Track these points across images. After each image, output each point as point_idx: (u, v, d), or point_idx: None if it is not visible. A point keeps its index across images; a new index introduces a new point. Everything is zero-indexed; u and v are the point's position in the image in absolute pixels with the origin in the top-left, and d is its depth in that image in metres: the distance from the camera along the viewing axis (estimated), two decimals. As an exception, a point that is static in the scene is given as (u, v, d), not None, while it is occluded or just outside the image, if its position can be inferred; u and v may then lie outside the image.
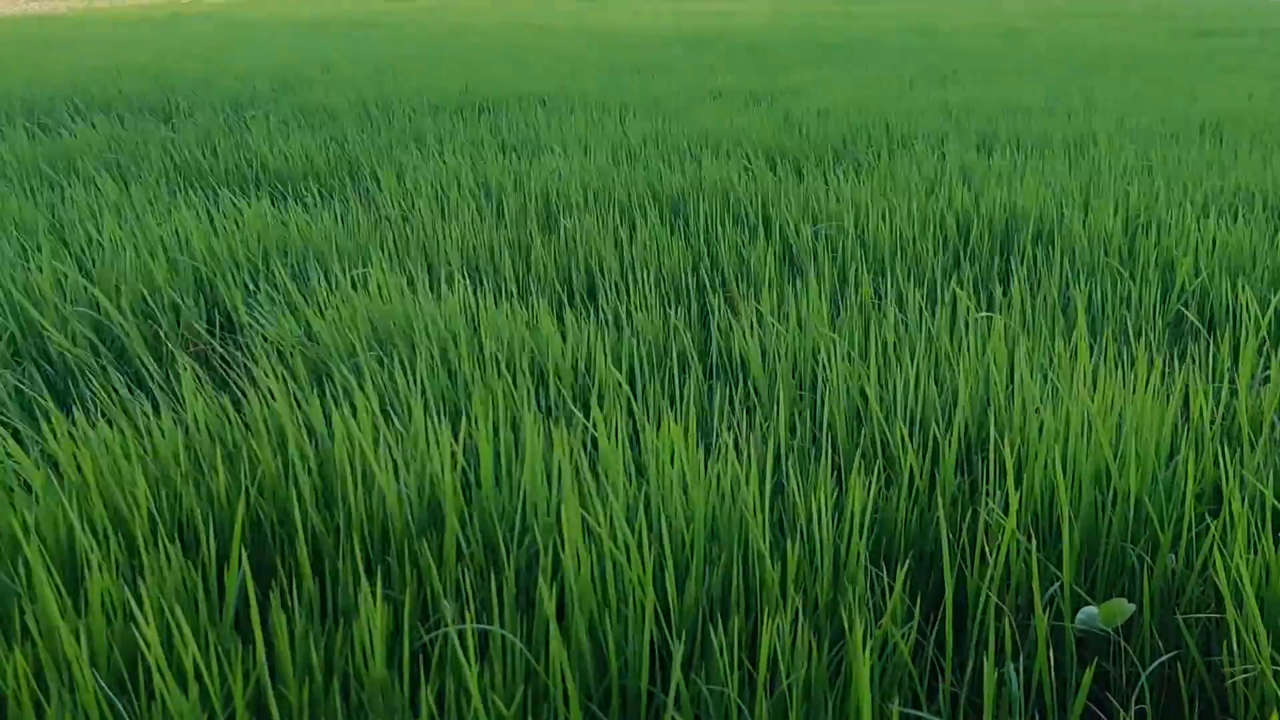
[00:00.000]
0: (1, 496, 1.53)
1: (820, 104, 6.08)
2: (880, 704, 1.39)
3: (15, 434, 1.95)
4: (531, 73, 8.14)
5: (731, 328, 2.34)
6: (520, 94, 6.51)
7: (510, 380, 2.01)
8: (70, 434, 1.69)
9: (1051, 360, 2.09)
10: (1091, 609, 1.58)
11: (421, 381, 1.92)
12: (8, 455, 1.69)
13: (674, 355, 2.23)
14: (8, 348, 2.30)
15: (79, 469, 1.61)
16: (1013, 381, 2.01)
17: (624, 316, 2.38)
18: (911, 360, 2.10)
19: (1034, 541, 1.53)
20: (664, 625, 1.42)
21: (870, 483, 1.60)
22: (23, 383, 2.13)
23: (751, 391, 2.06)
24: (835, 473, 1.86)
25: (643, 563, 1.40)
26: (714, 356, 2.27)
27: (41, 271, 2.56)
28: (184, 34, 14.34)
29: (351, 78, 7.62)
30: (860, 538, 1.53)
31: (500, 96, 6.40)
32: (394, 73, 8.07)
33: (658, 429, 1.68)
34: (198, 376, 1.84)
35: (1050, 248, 2.96)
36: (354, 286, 2.45)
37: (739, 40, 12.50)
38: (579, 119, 5.37)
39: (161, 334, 2.30)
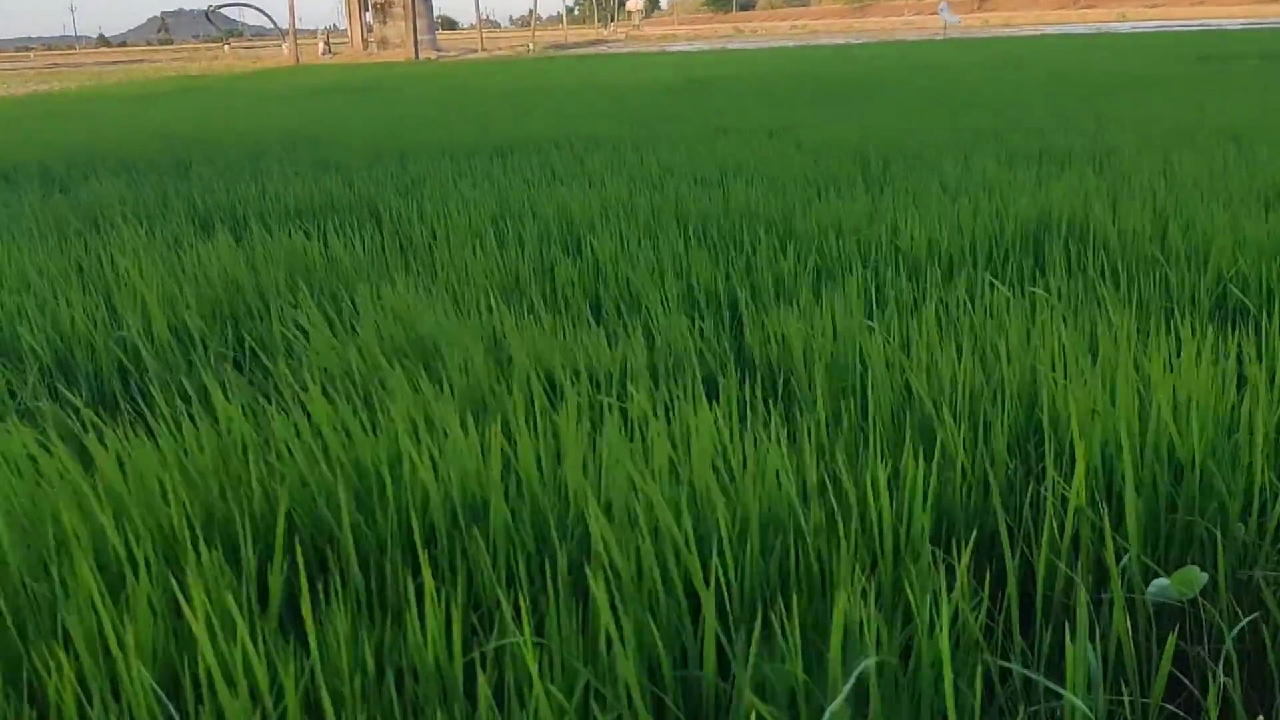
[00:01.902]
0: (44, 505, 1.50)
1: (833, 135, 6.09)
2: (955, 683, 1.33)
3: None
4: (542, 123, 8.19)
5: (766, 329, 2.30)
6: (534, 140, 6.54)
7: (543, 384, 1.98)
8: (106, 444, 1.65)
9: (1095, 340, 2.04)
10: (1163, 580, 1.53)
11: (456, 388, 1.89)
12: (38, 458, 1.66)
13: (708, 357, 2.19)
14: (43, 379, 2.28)
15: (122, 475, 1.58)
16: (1062, 362, 1.96)
17: (655, 327, 2.35)
18: (956, 351, 2.05)
19: (1098, 515, 1.48)
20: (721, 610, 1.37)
21: (922, 461, 1.54)
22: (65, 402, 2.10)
23: (794, 385, 2.02)
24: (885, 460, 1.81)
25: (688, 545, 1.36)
26: (752, 358, 2.23)
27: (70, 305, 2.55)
28: (191, 103, 14.53)
29: (361, 133, 7.69)
30: (924, 510, 1.47)
31: (514, 143, 6.43)
32: (403, 127, 8.14)
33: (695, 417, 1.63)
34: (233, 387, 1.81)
35: (1083, 245, 2.92)
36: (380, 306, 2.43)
37: (742, 86, 12.60)
38: (595, 157, 5.38)
39: (196, 356, 2.28)
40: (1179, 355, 1.88)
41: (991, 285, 2.41)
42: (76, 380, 2.34)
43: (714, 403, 1.85)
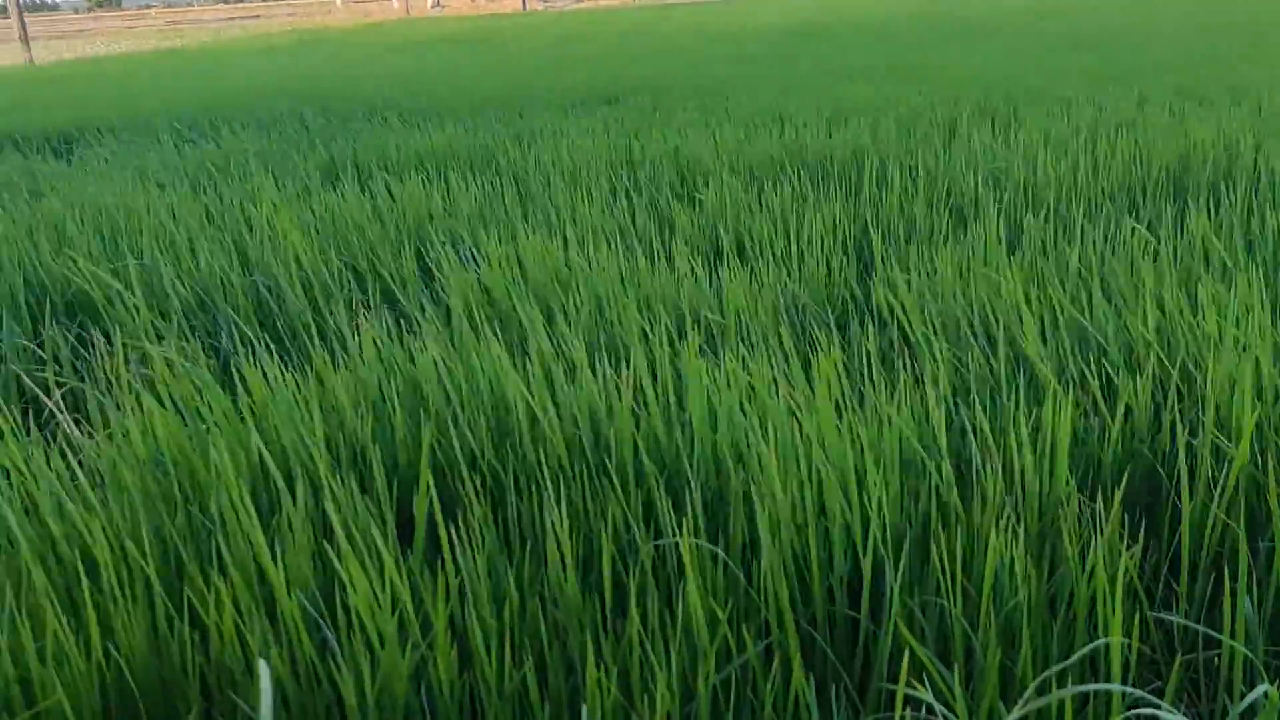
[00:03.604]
0: (197, 438, 1.55)
1: (956, 74, 5.92)
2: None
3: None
4: (654, 69, 8.13)
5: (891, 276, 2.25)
6: (647, 86, 6.50)
7: (666, 325, 1.97)
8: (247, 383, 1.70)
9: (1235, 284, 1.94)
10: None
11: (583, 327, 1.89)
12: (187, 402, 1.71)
13: (836, 302, 2.16)
14: (186, 321, 2.36)
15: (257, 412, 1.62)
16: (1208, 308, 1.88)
17: (780, 271, 2.32)
18: (1091, 295, 1.98)
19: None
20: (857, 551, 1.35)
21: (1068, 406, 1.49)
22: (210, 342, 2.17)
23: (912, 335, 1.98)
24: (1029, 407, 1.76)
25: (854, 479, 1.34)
26: (883, 301, 2.19)
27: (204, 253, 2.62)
28: (308, 57, 14.80)
29: (476, 84, 7.73)
30: (1065, 457, 1.43)
31: (627, 89, 6.40)
32: (516, 76, 8.16)
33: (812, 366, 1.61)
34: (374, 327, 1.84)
35: (1227, 186, 2.79)
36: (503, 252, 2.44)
37: (859, 28, 12.31)
38: (710, 100, 5.32)
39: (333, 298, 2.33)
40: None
41: (1134, 227, 2.31)
42: (216, 320, 2.41)
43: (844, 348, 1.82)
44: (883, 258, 2.38)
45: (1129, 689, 0.97)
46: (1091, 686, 0.97)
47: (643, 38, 13.76)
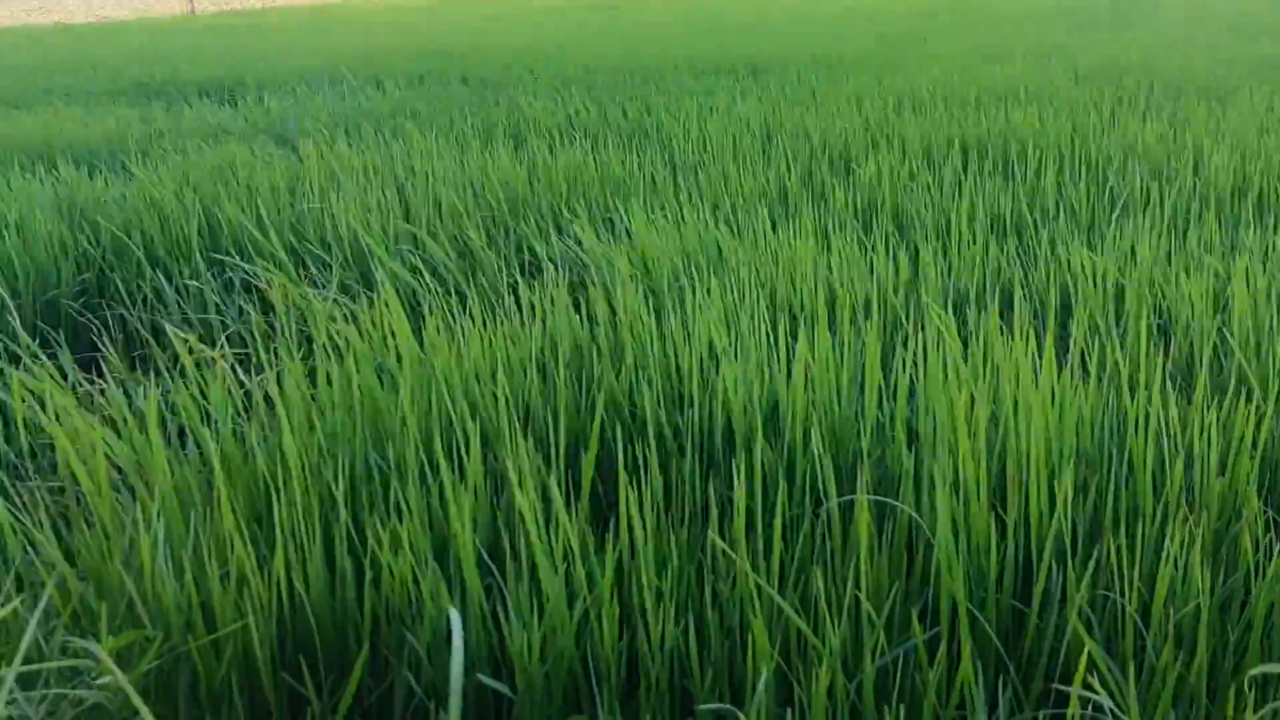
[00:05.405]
0: (371, 390, 1.61)
1: (1110, 58, 5.71)
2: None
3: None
4: (794, 42, 8.03)
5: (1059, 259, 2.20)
6: (790, 58, 6.43)
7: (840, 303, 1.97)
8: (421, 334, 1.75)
9: None
10: None
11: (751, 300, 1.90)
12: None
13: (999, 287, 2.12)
14: (343, 272, 2.44)
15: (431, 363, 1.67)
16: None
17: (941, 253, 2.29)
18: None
19: None
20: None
21: (1251, 408, 1.45)
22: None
23: (1097, 320, 1.93)
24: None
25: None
26: (1043, 288, 2.14)
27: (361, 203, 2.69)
28: (445, 21, 15.01)
29: (614, 50, 7.75)
30: (1250, 459, 1.39)
31: (768, 62, 6.34)
32: (653, 44, 8.15)
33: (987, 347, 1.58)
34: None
35: None
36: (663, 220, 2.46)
37: (1003, 7, 11.96)
38: (853, 78, 5.25)
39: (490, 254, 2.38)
40: None
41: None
42: (372, 272, 2.48)
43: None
44: (1049, 241, 2.33)
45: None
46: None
47: (780, 11, 13.60)
